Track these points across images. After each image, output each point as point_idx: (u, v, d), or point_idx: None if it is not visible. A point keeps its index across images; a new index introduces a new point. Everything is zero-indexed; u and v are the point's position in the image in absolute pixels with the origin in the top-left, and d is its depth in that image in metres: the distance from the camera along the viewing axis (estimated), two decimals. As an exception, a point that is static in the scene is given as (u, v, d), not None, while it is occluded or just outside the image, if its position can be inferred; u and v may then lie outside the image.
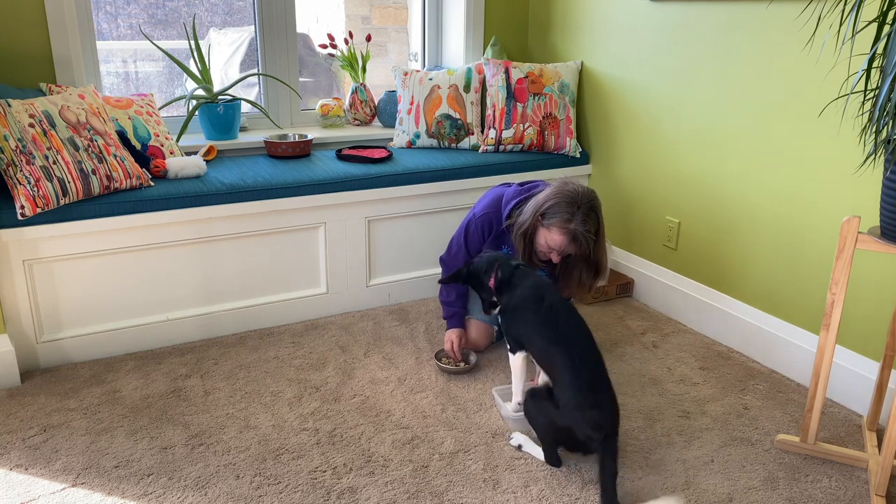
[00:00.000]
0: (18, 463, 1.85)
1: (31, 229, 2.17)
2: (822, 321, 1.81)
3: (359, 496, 1.75)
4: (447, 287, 2.44)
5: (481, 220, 2.33)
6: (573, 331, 1.86)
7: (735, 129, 2.45)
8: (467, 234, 2.37)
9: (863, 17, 1.89)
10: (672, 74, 2.67)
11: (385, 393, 2.22)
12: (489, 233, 2.33)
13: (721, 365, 2.43)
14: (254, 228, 2.53)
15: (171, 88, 3.23)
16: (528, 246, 2.16)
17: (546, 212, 2.08)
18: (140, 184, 2.37)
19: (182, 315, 2.51)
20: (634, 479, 1.84)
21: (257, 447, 1.94)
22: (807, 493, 1.80)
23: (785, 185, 2.30)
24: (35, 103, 2.20)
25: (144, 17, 2.94)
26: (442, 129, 3.05)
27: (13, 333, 2.26)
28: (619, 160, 3.01)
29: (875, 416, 2.02)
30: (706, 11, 2.49)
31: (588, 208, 2.06)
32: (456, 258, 2.41)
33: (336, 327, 2.67)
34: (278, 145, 2.81)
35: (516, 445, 1.95)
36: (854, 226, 1.69)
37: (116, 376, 2.29)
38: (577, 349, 1.81)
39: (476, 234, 2.35)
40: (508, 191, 2.30)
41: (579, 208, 2.05)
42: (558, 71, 3.06)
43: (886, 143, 1.51)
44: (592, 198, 2.09)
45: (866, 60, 1.49)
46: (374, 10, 3.82)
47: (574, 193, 2.07)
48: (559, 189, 2.09)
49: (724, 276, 2.57)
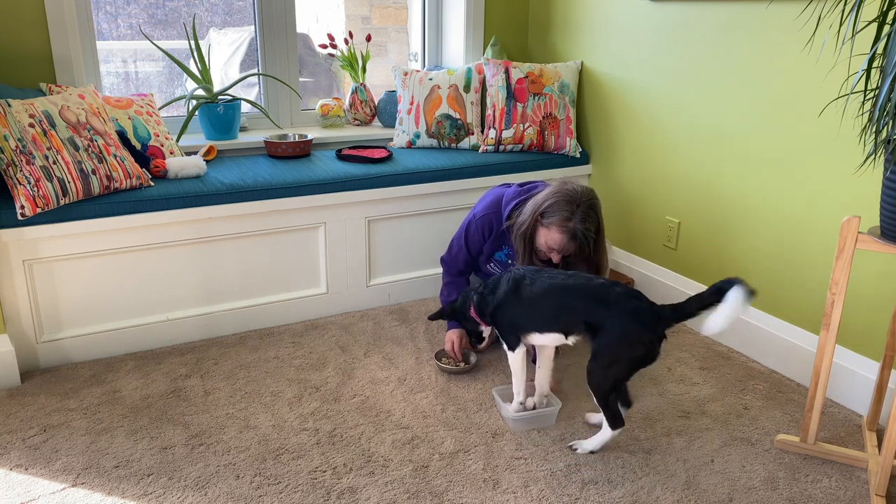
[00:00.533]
0: (18, 463, 1.85)
1: (31, 229, 2.17)
2: (822, 321, 1.81)
3: (359, 496, 1.75)
4: (448, 287, 2.44)
5: (481, 221, 2.33)
6: (556, 277, 1.93)
7: (735, 129, 2.45)
8: (468, 235, 2.37)
9: (863, 17, 1.89)
10: (672, 74, 2.67)
11: (385, 393, 2.22)
12: (489, 233, 2.33)
13: (721, 365, 2.43)
14: (254, 228, 2.53)
15: (171, 88, 3.23)
16: (529, 246, 2.16)
17: (545, 211, 2.08)
18: (140, 184, 2.37)
19: (182, 315, 2.51)
20: (634, 479, 1.84)
21: (257, 447, 1.94)
22: (807, 493, 1.80)
23: (785, 185, 2.30)
24: (35, 103, 2.20)
25: (144, 17, 2.94)
26: (442, 129, 3.05)
27: (13, 333, 2.26)
28: (619, 160, 3.01)
29: (875, 416, 2.02)
30: (706, 11, 2.49)
31: (587, 207, 2.06)
32: (456, 259, 2.41)
33: (336, 327, 2.67)
34: (278, 145, 2.81)
35: (588, 451, 1.93)
36: (854, 226, 1.69)
37: (116, 376, 2.29)
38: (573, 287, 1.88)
39: (476, 234, 2.35)
40: (508, 191, 2.30)
41: (578, 206, 2.05)
42: (558, 71, 3.06)
43: (886, 143, 1.51)
44: (591, 196, 2.09)
45: (866, 60, 1.49)
46: (374, 10, 3.82)
47: (573, 192, 2.07)
48: (558, 188, 2.09)
49: (723, 275, 2.56)
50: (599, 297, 1.84)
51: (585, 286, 1.88)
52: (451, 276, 2.46)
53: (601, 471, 1.87)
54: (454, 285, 2.44)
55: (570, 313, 1.88)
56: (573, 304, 1.88)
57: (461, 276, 2.46)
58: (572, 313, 1.88)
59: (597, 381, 1.86)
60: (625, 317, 1.80)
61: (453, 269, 2.46)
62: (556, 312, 1.91)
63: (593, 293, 1.86)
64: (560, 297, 1.90)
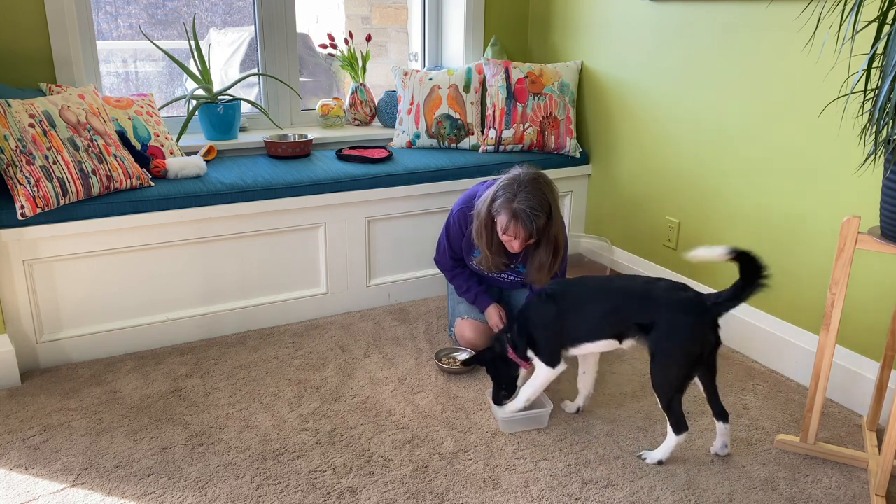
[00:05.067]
0: (18, 463, 1.85)
1: (31, 229, 2.17)
2: (822, 321, 1.81)
3: (359, 496, 1.75)
4: (456, 279, 2.47)
5: (458, 217, 2.36)
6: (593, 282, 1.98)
7: (735, 128, 2.45)
8: (448, 233, 2.40)
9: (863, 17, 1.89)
10: (672, 74, 2.67)
11: (385, 393, 2.22)
12: (466, 228, 2.35)
13: (721, 365, 2.42)
14: (254, 228, 2.53)
15: (171, 88, 3.23)
16: (490, 239, 2.17)
17: (495, 198, 2.09)
18: (140, 184, 2.37)
19: (182, 315, 2.51)
20: (634, 479, 1.84)
21: (257, 447, 1.94)
22: (807, 493, 1.80)
23: (785, 185, 2.30)
24: (35, 103, 2.20)
25: (144, 17, 2.94)
26: (442, 129, 3.05)
27: (13, 333, 2.26)
28: (619, 160, 3.01)
29: (875, 416, 2.02)
30: (706, 11, 2.49)
31: (530, 186, 2.04)
32: (444, 255, 2.45)
33: (336, 327, 2.67)
34: (278, 145, 2.81)
35: (656, 461, 1.91)
36: (854, 226, 1.69)
37: (116, 376, 2.29)
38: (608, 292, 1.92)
39: (456, 231, 2.37)
40: (482, 187, 2.32)
41: (521, 187, 2.04)
42: (558, 71, 3.06)
43: (886, 143, 1.51)
44: (536, 176, 2.08)
45: (866, 60, 1.49)
46: (374, 10, 3.82)
47: (516, 175, 2.08)
48: (505, 177, 2.11)
49: (723, 275, 2.57)
50: (645, 295, 1.84)
51: (628, 286, 1.89)
52: (451, 270, 2.47)
53: (601, 471, 1.87)
54: (458, 276, 2.45)
55: (619, 317, 1.87)
56: (620, 306, 1.87)
57: (455, 268, 2.48)
58: (621, 316, 1.87)
59: (658, 382, 1.84)
60: (672, 310, 1.80)
61: (448, 264, 2.47)
62: (605, 318, 1.90)
63: (638, 292, 1.85)
64: (605, 301, 1.90)
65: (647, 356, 2.47)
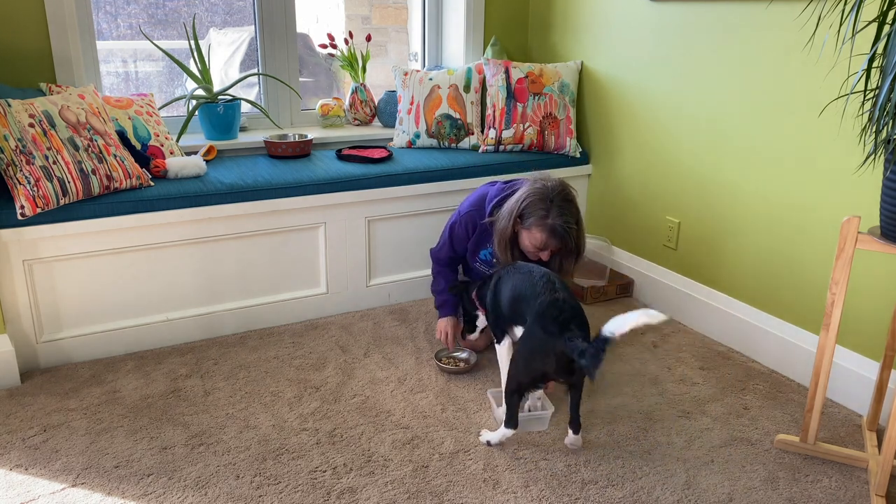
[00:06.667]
0: (18, 463, 1.85)
1: (31, 229, 2.17)
2: (822, 321, 1.81)
3: (359, 496, 1.75)
4: (436, 277, 2.47)
5: (465, 219, 2.36)
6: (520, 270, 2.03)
7: (735, 128, 2.45)
8: (452, 234, 2.40)
9: (863, 17, 1.89)
10: (672, 74, 2.67)
11: (385, 393, 2.22)
12: (473, 231, 2.36)
13: (721, 365, 2.43)
14: (254, 228, 2.53)
15: (171, 88, 3.23)
16: (511, 250, 2.18)
17: (522, 213, 2.10)
18: (140, 184, 2.37)
19: (182, 315, 2.51)
20: (634, 479, 1.84)
21: (257, 447, 1.94)
22: (807, 493, 1.80)
23: (785, 184, 2.30)
24: (35, 103, 2.20)
25: (144, 17, 2.94)
26: (442, 129, 3.05)
27: (13, 333, 2.26)
28: (619, 160, 3.01)
29: (875, 416, 2.02)
30: (706, 11, 2.49)
31: (561, 200, 2.08)
32: (441, 252, 2.46)
33: (336, 327, 2.68)
34: (278, 145, 2.81)
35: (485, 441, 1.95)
36: (854, 226, 1.69)
37: (116, 376, 2.29)
38: None
39: (461, 233, 2.38)
40: (492, 189, 2.32)
41: (552, 202, 2.06)
42: (558, 71, 3.06)
43: (886, 143, 1.51)
44: (564, 188, 2.11)
45: (866, 60, 1.49)
46: (374, 10, 3.82)
47: (545, 189, 2.09)
48: (530, 189, 2.12)
49: (724, 275, 2.57)
50: (532, 292, 1.91)
51: (530, 280, 1.95)
52: (440, 267, 2.48)
53: (601, 471, 1.87)
54: (441, 275, 2.46)
55: (518, 307, 1.96)
56: (518, 297, 1.97)
57: (447, 267, 2.48)
58: (519, 307, 1.96)
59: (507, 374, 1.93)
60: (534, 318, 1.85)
61: (443, 260, 2.47)
62: (510, 305, 1.99)
63: (531, 287, 1.93)
64: (513, 290, 1.99)
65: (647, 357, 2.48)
